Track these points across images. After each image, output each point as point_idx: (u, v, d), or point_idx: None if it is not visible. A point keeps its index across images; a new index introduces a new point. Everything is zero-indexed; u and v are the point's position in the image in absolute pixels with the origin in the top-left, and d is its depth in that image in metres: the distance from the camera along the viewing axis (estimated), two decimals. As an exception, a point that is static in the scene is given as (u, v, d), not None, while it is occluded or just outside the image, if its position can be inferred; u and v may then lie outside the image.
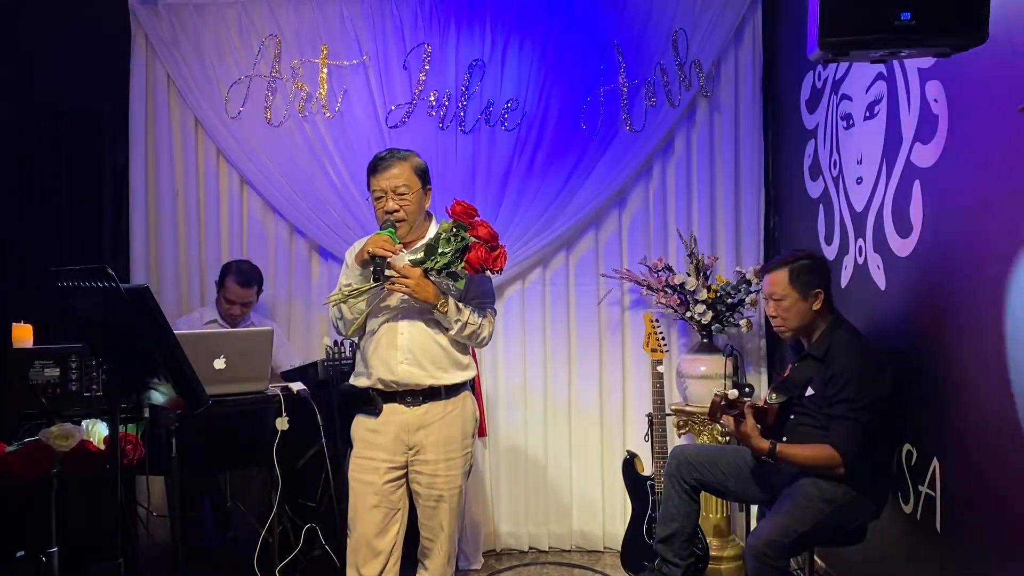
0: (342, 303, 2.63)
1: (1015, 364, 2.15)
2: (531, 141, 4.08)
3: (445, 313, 2.58)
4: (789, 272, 2.81)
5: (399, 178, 2.61)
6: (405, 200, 2.62)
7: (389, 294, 2.63)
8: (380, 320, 2.66)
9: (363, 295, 2.61)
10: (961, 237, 2.46)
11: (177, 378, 2.52)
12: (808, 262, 2.85)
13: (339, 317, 2.68)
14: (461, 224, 2.55)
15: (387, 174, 2.62)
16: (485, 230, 2.54)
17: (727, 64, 4.09)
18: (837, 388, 2.67)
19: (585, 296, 4.19)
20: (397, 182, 2.61)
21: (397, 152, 2.69)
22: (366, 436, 2.68)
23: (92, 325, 2.62)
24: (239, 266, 3.83)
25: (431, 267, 2.54)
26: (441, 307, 2.56)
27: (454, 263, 2.54)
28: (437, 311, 2.57)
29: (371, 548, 2.64)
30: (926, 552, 2.66)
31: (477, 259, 2.52)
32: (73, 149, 4.12)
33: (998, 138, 2.25)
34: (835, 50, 1.87)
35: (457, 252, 2.53)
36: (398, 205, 2.61)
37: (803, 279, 2.81)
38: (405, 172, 2.63)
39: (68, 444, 3.07)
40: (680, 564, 2.95)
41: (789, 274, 2.81)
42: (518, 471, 4.17)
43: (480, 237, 2.53)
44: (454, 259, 2.53)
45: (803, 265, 2.83)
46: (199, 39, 4.08)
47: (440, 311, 2.57)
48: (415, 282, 2.53)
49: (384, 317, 2.66)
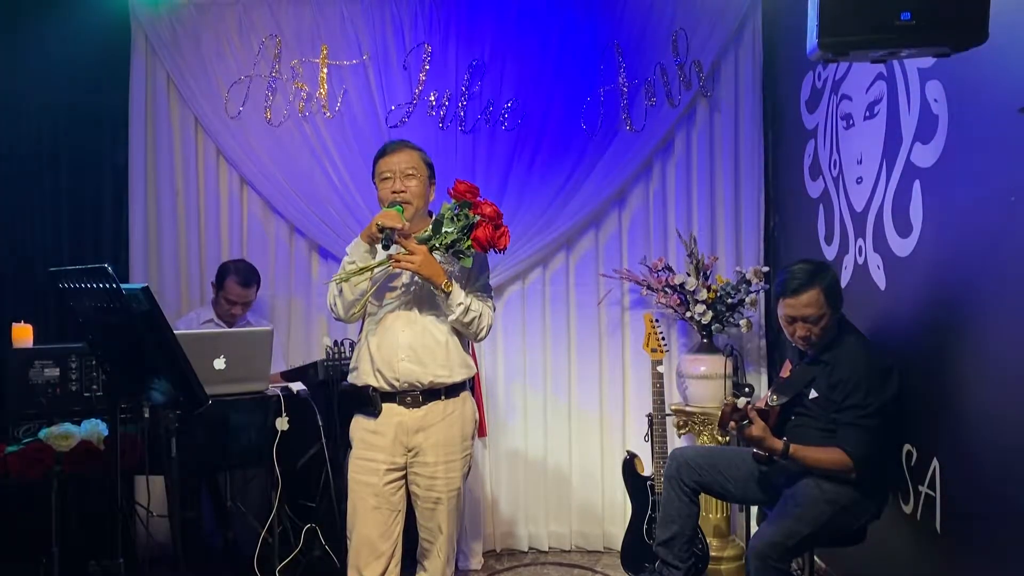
0: (345, 281, 2.58)
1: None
2: (531, 141, 4.08)
3: (449, 294, 2.56)
4: (823, 291, 2.68)
5: (409, 161, 2.65)
6: (412, 182, 2.63)
7: (391, 278, 2.62)
8: (380, 317, 2.65)
9: (366, 273, 2.58)
10: (961, 237, 2.46)
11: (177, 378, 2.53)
12: (831, 275, 2.74)
13: (338, 294, 2.61)
14: (466, 202, 2.56)
15: (397, 156, 2.66)
16: (490, 208, 2.55)
17: (727, 64, 4.09)
18: (845, 393, 2.66)
19: (585, 296, 4.19)
20: (406, 164, 2.64)
21: (408, 142, 2.74)
22: (365, 437, 2.67)
23: (92, 325, 2.62)
24: (237, 266, 3.83)
25: (437, 244, 2.55)
26: (446, 286, 2.55)
27: (461, 240, 2.54)
28: (441, 291, 2.55)
29: (373, 550, 2.63)
30: (926, 552, 2.66)
31: (485, 236, 2.52)
32: (73, 149, 4.12)
33: (998, 138, 2.25)
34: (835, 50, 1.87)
35: (463, 229, 2.53)
36: (404, 187, 2.62)
37: (835, 291, 2.72)
38: (414, 158, 2.67)
39: (68, 444, 3.07)
40: (680, 566, 2.95)
41: (824, 293, 2.68)
42: (518, 471, 4.17)
43: (485, 215, 2.54)
44: (461, 236, 2.54)
45: (831, 279, 2.72)
46: (199, 39, 4.08)
47: (445, 290, 2.55)
48: (421, 259, 2.51)
49: (384, 314, 2.65)
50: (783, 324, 2.81)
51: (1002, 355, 2.24)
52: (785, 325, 2.79)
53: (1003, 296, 2.24)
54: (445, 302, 2.58)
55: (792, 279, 2.72)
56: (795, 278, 2.72)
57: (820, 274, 2.72)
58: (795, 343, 2.83)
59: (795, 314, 2.72)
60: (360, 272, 2.57)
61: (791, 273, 2.74)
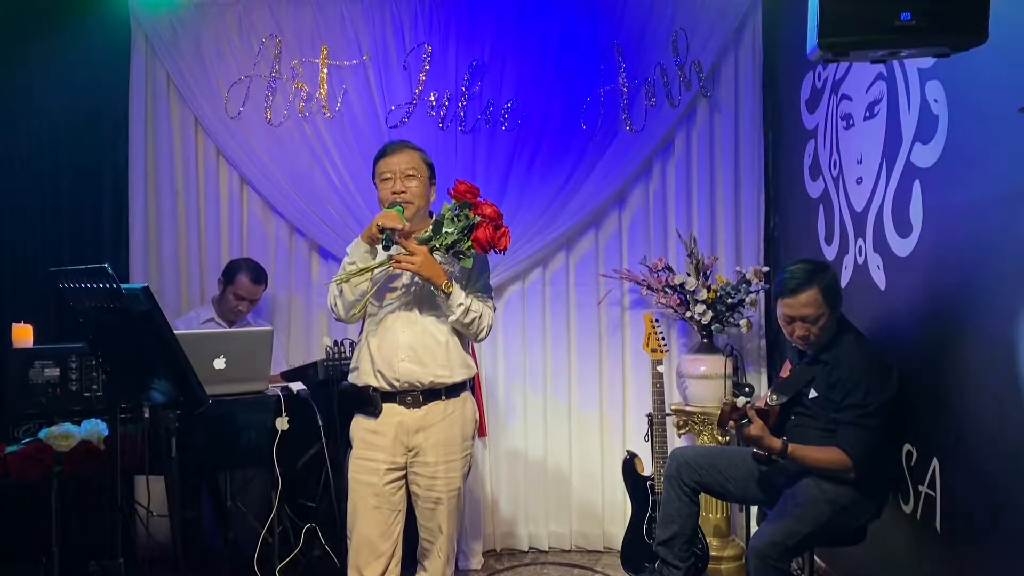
0: (345, 282, 2.59)
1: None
2: (531, 141, 4.08)
3: (449, 295, 2.56)
4: (821, 291, 2.68)
5: (409, 162, 2.65)
6: (412, 183, 2.63)
7: (391, 279, 2.62)
8: (381, 317, 2.65)
9: (366, 274, 2.58)
10: (961, 237, 2.46)
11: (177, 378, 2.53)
12: (830, 274, 2.74)
13: (338, 295, 2.61)
14: (466, 203, 2.55)
15: (397, 157, 2.65)
16: (491, 208, 2.55)
17: (727, 64, 4.09)
18: (844, 392, 2.66)
19: (585, 296, 4.19)
20: (406, 165, 2.64)
21: (408, 143, 2.74)
22: (365, 436, 2.67)
23: (92, 325, 2.63)
24: (249, 263, 3.86)
25: (437, 244, 2.54)
26: (446, 287, 2.55)
27: (461, 241, 2.54)
28: (442, 291, 2.55)
29: (373, 549, 2.63)
30: (926, 552, 2.66)
31: (485, 236, 2.52)
32: (73, 149, 4.12)
33: (998, 138, 2.25)
34: (835, 50, 1.87)
35: (464, 230, 2.53)
36: (404, 187, 2.62)
37: (834, 290, 2.72)
38: (414, 158, 2.67)
39: (68, 444, 3.07)
40: (680, 566, 2.95)
41: (822, 293, 2.68)
42: (518, 471, 4.17)
43: (486, 215, 2.54)
44: (461, 237, 2.53)
45: (830, 277, 2.72)
46: (199, 39, 4.08)
47: (445, 291, 2.55)
48: (421, 259, 2.51)
49: (385, 315, 2.65)
50: (782, 324, 2.81)
51: (1002, 355, 2.24)
52: (784, 325, 2.79)
53: (1003, 296, 2.24)
54: (445, 303, 2.58)
55: (790, 279, 2.72)
56: (793, 278, 2.72)
57: (819, 274, 2.72)
58: (794, 343, 2.83)
59: (794, 314, 2.72)
60: (361, 273, 2.57)
61: (789, 273, 2.75)
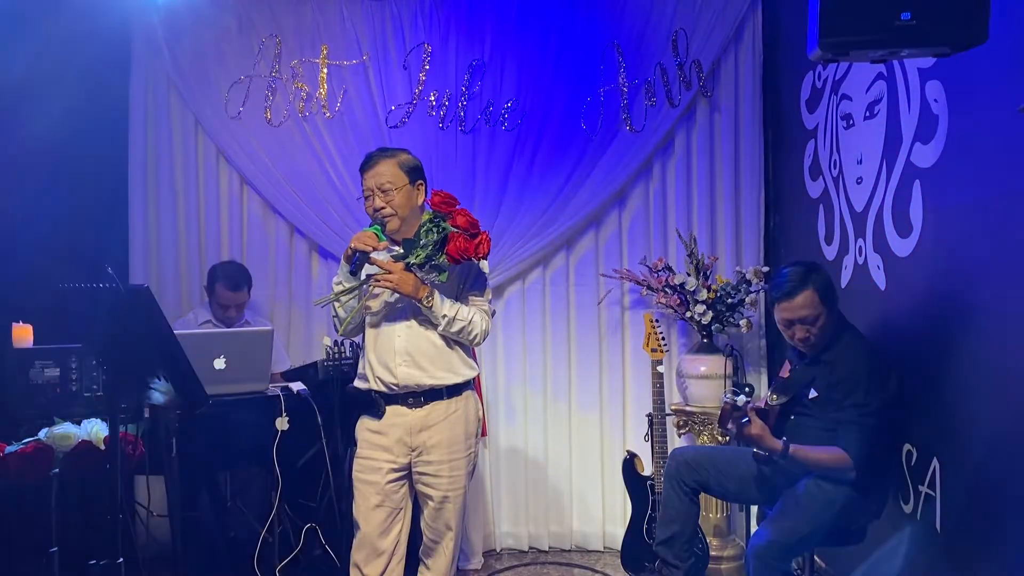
0: (333, 302, 2.64)
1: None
2: (531, 141, 4.08)
3: (431, 308, 2.56)
4: (817, 290, 2.68)
5: (384, 176, 2.62)
6: (390, 197, 2.62)
7: (380, 293, 2.64)
8: (379, 323, 2.67)
9: (351, 293, 2.61)
10: (961, 237, 2.46)
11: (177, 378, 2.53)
12: (823, 274, 2.74)
13: (335, 315, 2.69)
14: (440, 214, 2.54)
15: (372, 172, 2.64)
16: (463, 219, 2.52)
17: (727, 64, 4.09)
18: (844, 392, 2.65)
19: (585, 296, 4.19)
20: (382, 180, 2.62)
21: (385, 150, 2.71)
22: (369, 437, 2.68)
23: (92, 325, 2.63)
24: (226, 270, 3.82)
25: (413, 261, 2.53)
26: (427, 301, 2.55)
27: (436, 255, 2.52)
28: (423, 305, 2.56)
29: (374, 548, 2.64)
30: (926, 552, 2.66)
31: (456, 249, 2.49)
32: (73, 149, 4.12)
33: (998, 138, 2.25)
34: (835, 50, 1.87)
35: (437, 244, 2.52)
36: (383, 202, 2.62)
37: (829, 289, 2.72)
38: (390, 169, 2.63)
39: (68, 444, 3.07)
40: (681, 566, 2.95)
41: (818, 292, 2.68)
42: (518, 471, 4.18)
43: (459, 226, 2.51)
44: (435, 251, 2.52)
45: (824, 278, 2.72)
46: (199, 39, 4.08)
47: (425, 305, 2.56)
48: (398, 276, 2.52)
49: (382, 320, 2.66)
50: (781, 328, 2.80)
51: (1002, 355, 2.24)
52: (784, 329, 2.79)
53: (1003, 296, 2.24)
54: (430, 315, 2.59)
55: (785, 282, 2.72)
56: (788, 281, 2.72)
57: (812, 274, 2.71)
58: (796, 346, 2.83)
59: (792, 316, 2.72)
60: (346, 292, 2.60)
61: (783, 276, 2.75)
